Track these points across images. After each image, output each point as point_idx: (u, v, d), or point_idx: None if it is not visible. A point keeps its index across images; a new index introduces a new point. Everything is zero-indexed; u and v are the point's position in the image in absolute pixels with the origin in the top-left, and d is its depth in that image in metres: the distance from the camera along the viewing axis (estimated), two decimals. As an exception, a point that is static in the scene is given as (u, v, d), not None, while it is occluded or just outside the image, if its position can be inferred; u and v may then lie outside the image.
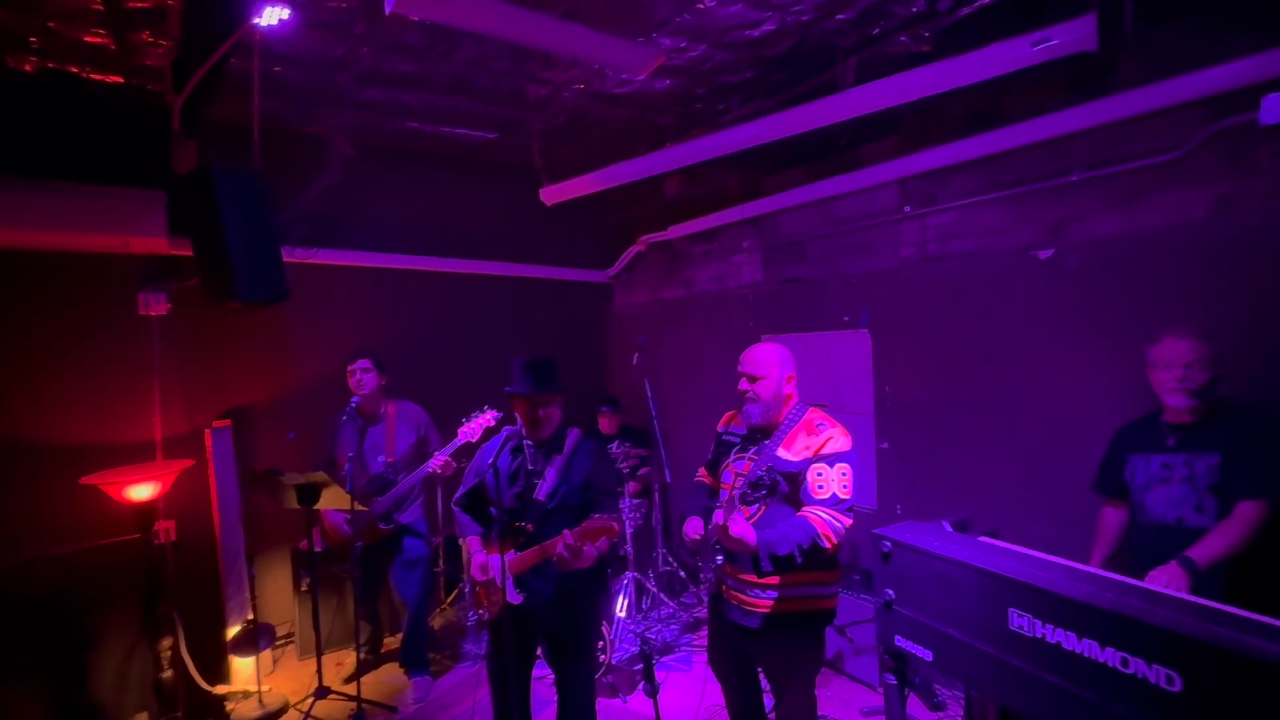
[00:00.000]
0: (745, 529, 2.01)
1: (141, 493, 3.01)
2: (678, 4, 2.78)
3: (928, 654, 1.78)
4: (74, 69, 3.10)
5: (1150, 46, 2.71)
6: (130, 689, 3.37)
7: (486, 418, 3.33)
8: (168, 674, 3.18)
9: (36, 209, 3.13)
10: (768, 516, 2.13)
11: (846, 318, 3.95)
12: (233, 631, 3.62)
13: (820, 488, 2.09)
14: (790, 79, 3.52)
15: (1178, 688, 1.24)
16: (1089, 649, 1.38)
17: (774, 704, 2.30)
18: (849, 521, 2.10)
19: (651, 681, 1.98)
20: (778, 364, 2.26)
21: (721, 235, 4.81)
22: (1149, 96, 2.63)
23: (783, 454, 2.17)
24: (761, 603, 2.17)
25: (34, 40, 2.82)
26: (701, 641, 3.88)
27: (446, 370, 4.69)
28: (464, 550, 2.62)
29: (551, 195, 4.56)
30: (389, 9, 2.39)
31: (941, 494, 3.52)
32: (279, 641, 3.98)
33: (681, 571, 4.54)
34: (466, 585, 4.15)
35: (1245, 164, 2.53)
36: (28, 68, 3.03)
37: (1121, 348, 2.72)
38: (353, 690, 3.29)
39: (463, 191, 4.90)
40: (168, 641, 3.20)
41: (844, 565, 3.63)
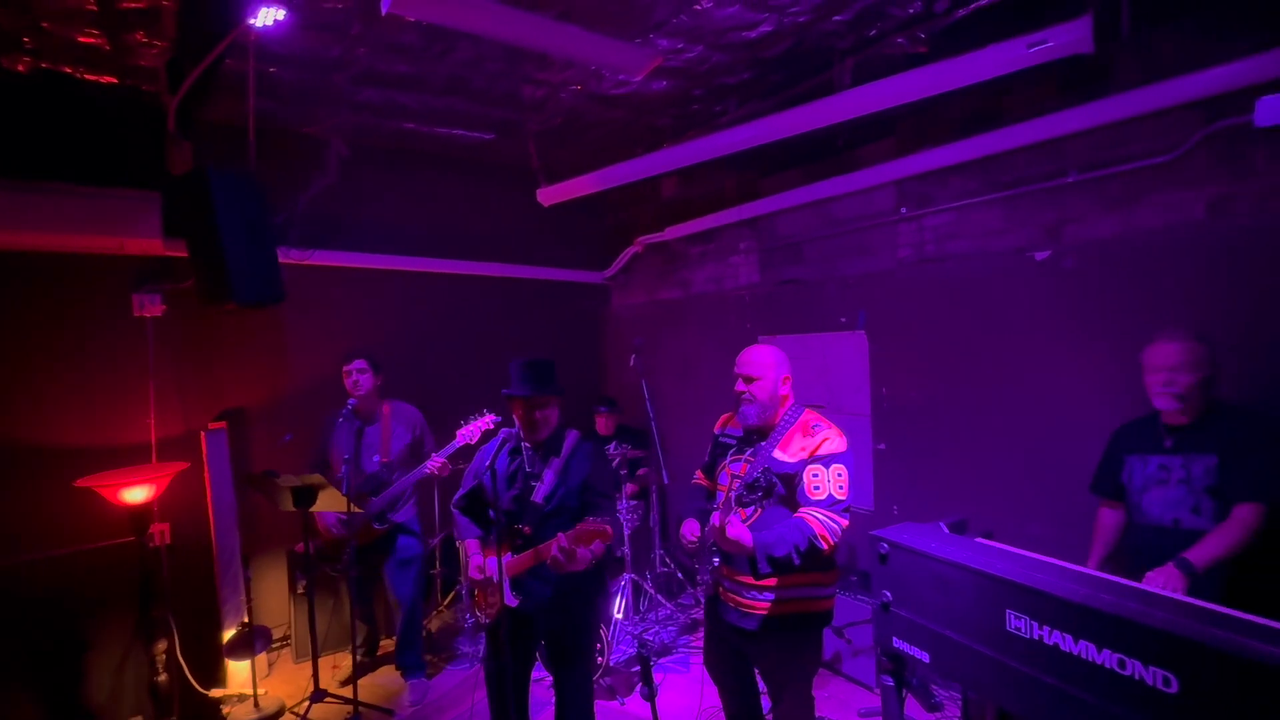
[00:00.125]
0: (742, 531, 2.01)
1: (136, 495, 3.00)
2: (675, 5, 2.78)
3: (925, 656, 1.78)
4: (68, 69, 3.08)
5: (1147, 48, 2.72)
6: (125, 692, 3.37)
7: (485, 421, 3.33)
8: (163, 677, 3.17)
9: (30, 210, 3.12)
10: (764, 518, 2.13)
11: (844, 319, 3.95)
12: (228, 634, 3.60)
13: (817, 489, 2.09)
14: (787, 80, 3.52)
15: (1174, 689, 1.24)
16: (1086, 651, 1.38)
17: (771, 706, 2.30)
18: (845, 522, 2.10)
19: (649, 685, 1.98)
20: (773, 365, 2.26)
21: (718, 236, 4.81)
22: (1145, 98, 2.64)
23: (779, 455, 2.17)
24: (758, 604, 2.17)
25: (27, 40, 2.81)
26: (699, 643, 3.88)
27: (443, 371, 4.68)
28: (462, 552, 2.61)
29: (548, 196, 4.56)
30: (385, 10, 2.39)
31: (939, 495, 3.52)
32: (275, 644, 3.96)
33: (679, 573, 4.54)
34: (464, 587, 4.14)
35: (1241, 165, 2.54)
36: (21, 68, 3.02)
37: (1119, 348, 2.72)
38: (349, 693, 3.28)
39: (459, 192, 4.90)
40: (163, 645, 3.19)
41: (841, 566, 3.64)
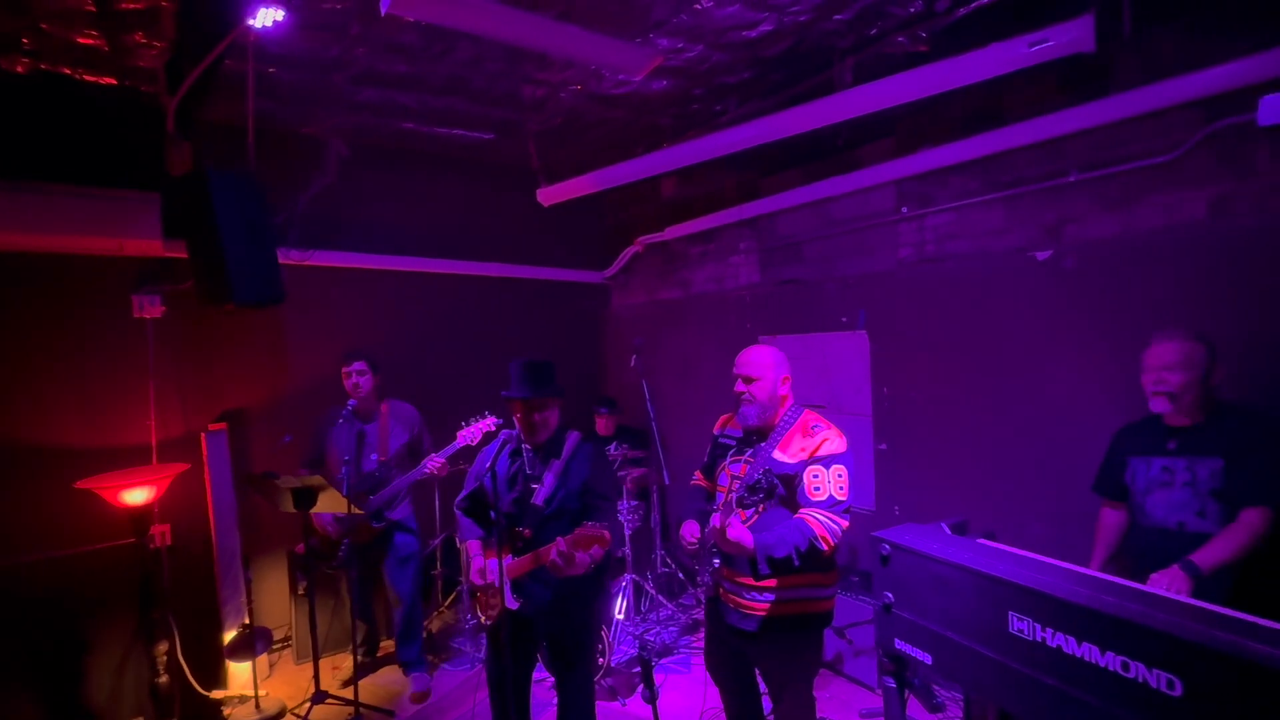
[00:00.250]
0: (742, 532, 2.01)
1: (137, 497, 2.99)
2: (675, 4, 2.77)
3: (927, 657, 1.77)
4: (67, 70, 3.08)
5: (1148, 47, 2.71)
6: (126, 694, 3.36)
7: (486, 423, 3.33)
8: (164, 678, 3.17)
9: (30, 211, 3.11)
10: (765, 519, 2.12)
11: (844, 319, 3.94)
12: (229, 635, 3.60)
13: (817, 489, 2.09)
14: (788, 80, 3.51)
15: (1178, 692, 1.23)
16: (1089, 653, 1.38)
17: (772, 706, 2.30)
18: (846, 523, 2.09)
19: (650, 687, 1.97)
20: (772, 365, 2.25)
21: (718, 236, 4.80)
22: (1146, 97, 2.63)
23: (779, 456, 2.17)
24: (758, 606, 2.17)
25: (26, 41, 2.80)
26: (700, 643, 3.87)
27: (443, 371, 4.67)
28: (463, 554, 2.61)
29: (548, 196, 4.55)
30: (384, 10, 2.38)
31: (940, 495, 3.51)
32: (276, 645, 3.95)
33: (680, 573, 4.53)
34: (465, 588, 4.14)
35: (1243, 165, 2.53)
36: (20, 69, 3.01)
37: (1120, 348, 2.71)
38: (350, 694, 3.28)
39: (459, 193, 4.89)
40: (164, 646, 3.19)
41: (842, 567, 3.63)
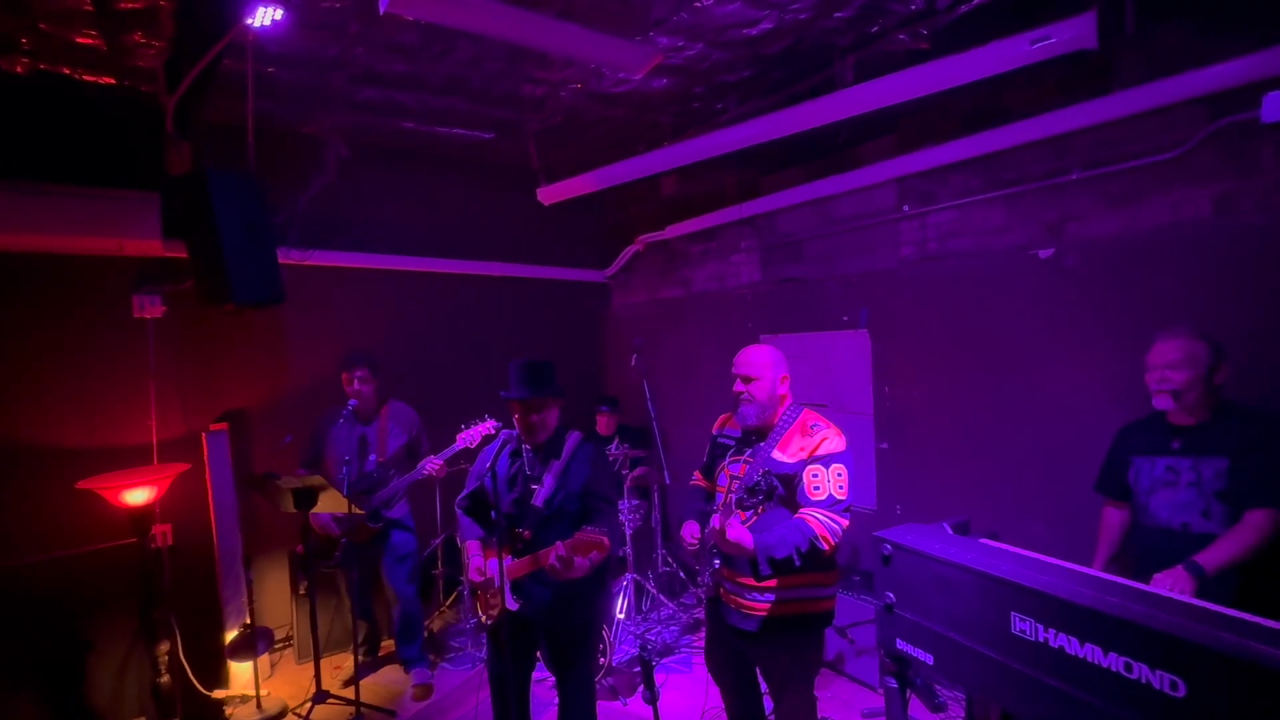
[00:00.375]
0: (742, 533, 2.00)
1: (138, 497, 2.99)
2: (675, 3, 2.76)
3: (929, 657, 1.76)
4: (66, 70, 3.07)
5: (1150, 44, 2.69)
6: (128, 693, 3.36)
7: (485, 426, 3.33)
8: (165, 679, 3.17)
9: (29, 211, 3.11)
10: (765, 519, 2.11)
11: (846, 317, 3.93)
12: (231, 635, 3.60)
13: (817, 489, 2.08)
14: (788, 78, 3.50)
15: (1182, 693, 1.22)
16: (1092, 654, 1.37)
17: (773, 706, 2.29)
18: (846, 522, 2.08)
19: (651, 688, 1.96)
20: (771, 365, 2.24)
21: (719, 235, 4.79)
22: (1149, 95, 2.62)
23: (778, 456, 2.16)
24: (759, 606, 2.16)
25: (25, 41, 2.80)
26: (701, 643, 3.86)
27: (443, 371, 4.67)
28: (463, 554, 2.60)
29: (549, 195, 4.54)
30: (383, 9, 2.37)
31: (942, 494, 3.51)
32: (277, 645, 3.96)
33: (681, 573, 4.53)
34: (465, 588, 4.14)
35: (1246, 162, 2.51)
36: (19, 69, 3.01)
37: (1122, 347, 2.70)
38: (352, 694, 3.28)
39: (460, 192, 4.88)
40: (165, 646, 3.19)
41: (844, 566, 3.63)
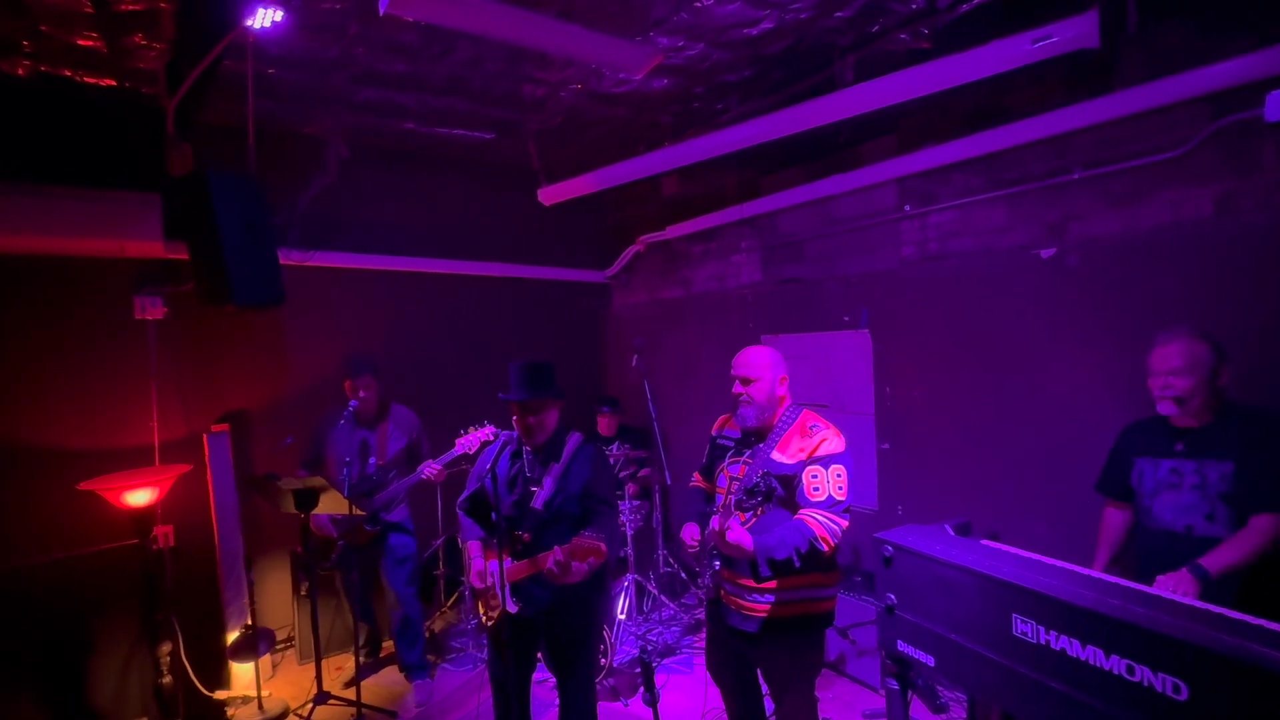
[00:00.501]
0: (742, 535, 2.00)
1: (139, 498, 3.00)
2: (675, 3, 2.76)
3: (930, 659, 1.76)
4: (67, 72, 3.08)
5: (1153, 43, 2.68)
6: (130, 694, 3.37)
7: (484, 432, 3.32)
8: (167, 679, 3.18)
9: (31, 213, 3.12)
10: (764, 520, 2.11)
11: (846, 318, 3.93)
12: (232, 636, 3.61)
13: (816, 490, 2.08)
14: (789, 77, 3.49)
15: (1184, 696, 1.22)
16: (1094, 656, 1.36)
17: (774, 708, 2.29)
18: (845, 523, 2.08)
19: (651, 690, 1.96)
20: (770, 366, 2.24)
21: (720, 235, 4.78)
22: (1151, 94, 2.61)
23: (777, 456, 2.16)
24: (759, 607, 2.16)
25: (26, 44, 2.80)
26: (703, 643, 3.86)
27: (444, 371, 4.67)
28: (464, 555, 2.60)
29: (549, 196, 4.54)
30: (383, 10, 2.37)
31: (943, 494, 3.50)
32: (279, 646, 3.96)
33: (682, 573, 4.53)
34: (467, 589, 4.14)
35: (1248, 162, 2.50)
36: (20, 71, 3.02)
37: (1124, 347, 2.69)
38: (353, 695, 3.28)
39: (460, 193, 4.88)
40: (167, 647, 3.19)
41: (845, 567, 3.62)
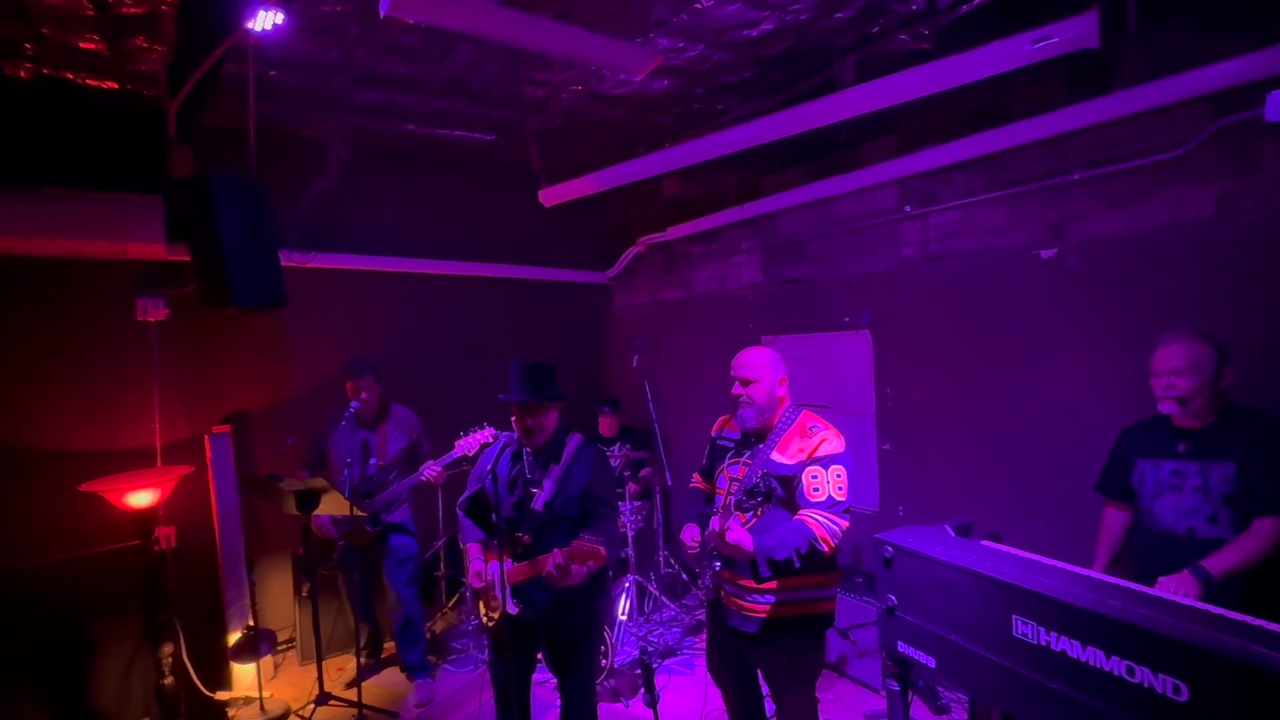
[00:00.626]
0: (742, 535, 2.00)
1: (141, 499, 3.01)
2: (675, 4, 2.76)
3: (930, 660, 1.76)
4: (69, 75, 3.09)
5: (1153, 43, 2.68)
6: (132, 695, 3.37)
7: (483, 434, 3.32)
8: (169, 680, 3.19)
9: (33, 215, 3.13)
10: (764, 521, 2.10)
11: (847, 318, 3.93)
12: (234, 637, 3.61)
13: (816, 490, 2.08)
14: (789, 78, 3.50)
15: (1184, 697, 1.22)
16: (1094, 657, 1.36)
17: (774, 709, 2.29)
18: (845, 524, 2.08)
19: (652, 691, 1.96)
20: (769, 367, 2.24)
21: (720, 236, 4.79)
22: (1152, 94, 2.60)
23: (777, 457, 2.16)
24: (759, 608, 2.16)
25: (28, 46, 2.81)
26: (703, 644, 3.86)
27: (445, 372, 4.68)
28: (465, 556, 2.61)
29: (550, 197, 4.54)
30: (383, 12, 2.38)
31: (944, 495, 3.50)
32: (280, 647, 3.97)
33: (683, 574, 4.52)
34: (468, 590, 4.14)
35: (1248, 161, 2.50)
36: (23, 74, 3.03)
37: (1124, 347, 2.69)
38: (354, 696, 3.28)
39: (461, 194, 4.89)
40: (169, 648, 3.20)
41: (846, 568, 3.62)
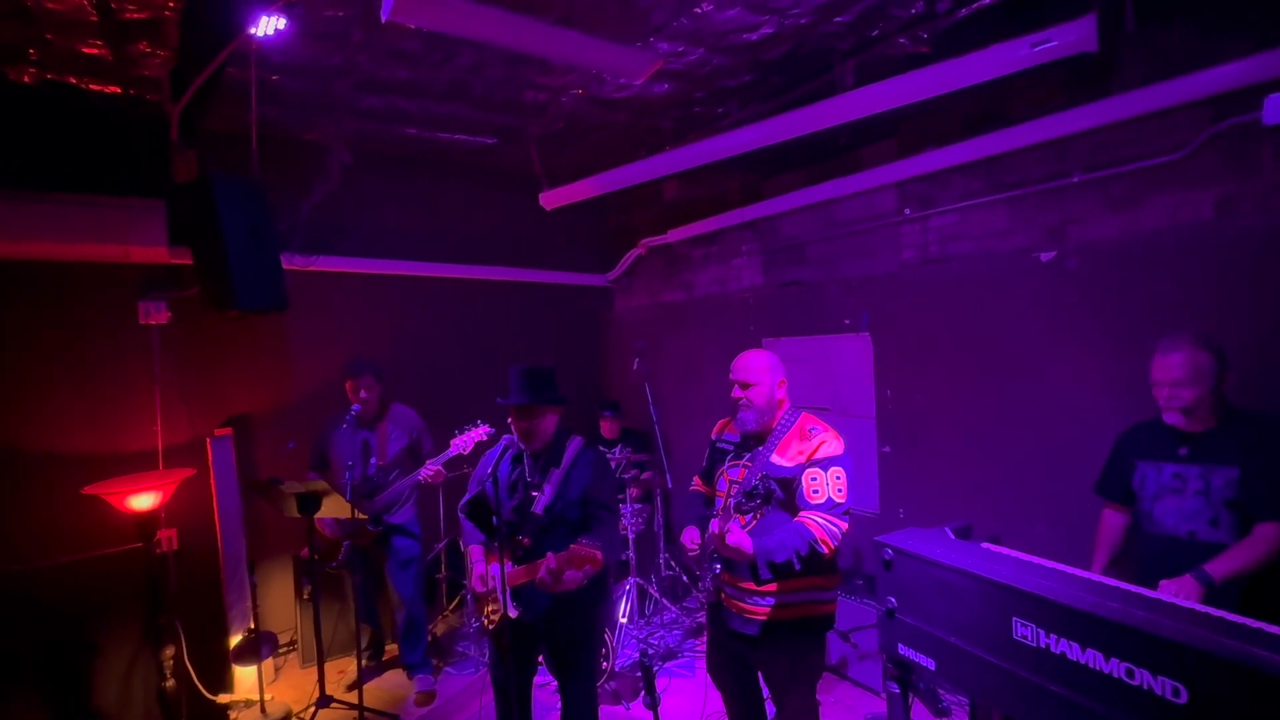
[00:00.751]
0: (742, 538, 2.00)
1: (143, 502, 3.01)
2: (675, 8, 2.77)
3: (931, 662, 1.76)
4: (72, 80, 3.10)
5: (1151, 46, 2.69)
6: (133, 698, 3.37)
7: (479, 432, 3.32)
8: (170, 683, 3.18)
9: (37, 219, 3.14)
10: (764, 523, 2.11)
11: (847, 321, 3.93)
12: (235, 640, 3.61)
13: (815, 493, 2.08)
14: (789, 82, 3.51)
15: (1184, 700, 1.22)
16: (1093, 659, 1.37)
17: (775, 711, 2.29)
18: (845, 526, 2.08)
19: (652, 694, 1.96)
20: (768, 370, 2.25)
21: (721, 238, 4.80)
22: (1150, 97, 2.61)
23: (776, 460, 2.16)
24: (760, 610, 2.16)
25: (32, 52, 2.83)
26: (704, 647, 3.85)
27: (447, 374, 4.68)
28: (466, 558, 2.61)
29: (551, 200, 4.56)
30: (385, 17, 2.39)
31: (944, 497, 3.50)
32: (281, 649, 3.97)
33: (684, 576, 4.52)
34: (469, 592, 4.15)
35: (1247, 164, 2.51)
36: (27, 79, 3.04)
37: (1124, 350, 2.70)
38: (355, 698, 3.28)
39: (462, 197, 4.91)
40: (170, 650, 3.20)
41: (847, 570, 3.62)
